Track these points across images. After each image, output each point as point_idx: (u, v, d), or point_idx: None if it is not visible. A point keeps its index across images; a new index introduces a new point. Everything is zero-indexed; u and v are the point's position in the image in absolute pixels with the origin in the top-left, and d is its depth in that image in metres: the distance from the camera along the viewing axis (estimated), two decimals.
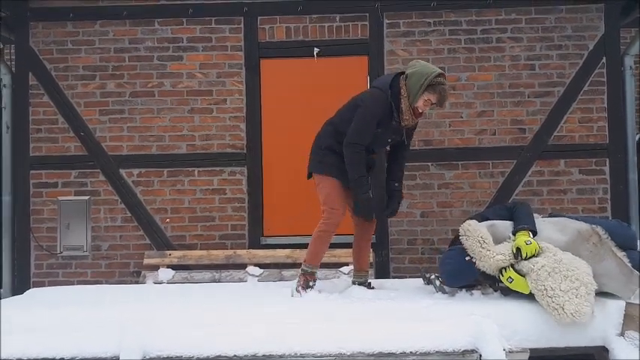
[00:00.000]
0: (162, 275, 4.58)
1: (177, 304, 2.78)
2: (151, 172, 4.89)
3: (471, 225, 2.93)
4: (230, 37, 4.91)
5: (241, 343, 2.05)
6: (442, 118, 4.83)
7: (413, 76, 3.15)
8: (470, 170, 4.81)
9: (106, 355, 2.08)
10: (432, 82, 3.12)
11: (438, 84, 3.14)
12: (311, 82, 4.90)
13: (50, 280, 4.83)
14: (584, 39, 4.81)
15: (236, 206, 4.87)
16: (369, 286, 3.40)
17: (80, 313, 2.51)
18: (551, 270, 2.67)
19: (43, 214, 4.90)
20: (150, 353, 2.01)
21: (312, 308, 2.65)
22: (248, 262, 4.66)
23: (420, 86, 3.10)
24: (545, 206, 4.73)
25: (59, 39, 4.93)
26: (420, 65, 3.24)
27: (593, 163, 4.78)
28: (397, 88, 3.15)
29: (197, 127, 4.90)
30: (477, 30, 4.84)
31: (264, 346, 2.05)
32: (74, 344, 2.12)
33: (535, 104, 4.82)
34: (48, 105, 4.91)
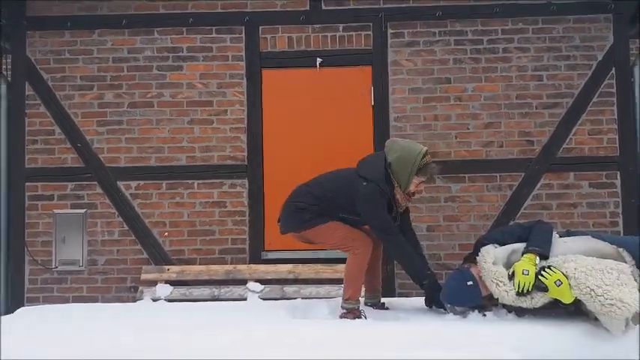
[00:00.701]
0: (159, 291, 4.44)
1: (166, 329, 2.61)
2: (149, 184, 4.77)
3: (486, 262, 2.77)
4: (231, 47, 4.81)
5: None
6: (448, 130, 4.72)
7: (398, 164, 3.00)
8: (477, 183, 4.69)
9: None
10: (420, 166, 3.00)
11: (426, 165, 3.02)
12: (313, 92, 4.79)
13: (45, 295, 4.70)
14: (593, 49, 4.71)
15: (236, 220, 4.74)
16: (383, 307, 3.26)
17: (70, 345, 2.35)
18: (585, 269, 2.53)
19: (39, 227, 4.77)
20: None
21: None
22: (249, 278, 4.52)
23: (409, 173, 2.98)
24: (554, 220, 4.60)
25: (56, 48, 4.84)
26: (400, 149, 3.05)
27: (604, 176, 4.66)
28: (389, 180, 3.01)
29: (197, 139, 4.78)
30: (483, 40, 4.74)
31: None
32: None
33: (543, 115, 4.70)
34: (44, 115, 4.81)
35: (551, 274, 2.57)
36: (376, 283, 3.32)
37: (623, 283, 2.47)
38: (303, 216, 3.10)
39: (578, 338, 2.46)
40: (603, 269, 2.52)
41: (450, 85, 4.74)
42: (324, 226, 3.07)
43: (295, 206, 3.16)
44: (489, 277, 2.72)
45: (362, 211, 3.01)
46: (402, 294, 4.47)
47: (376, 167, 3.03)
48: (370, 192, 2.97)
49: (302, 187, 3.25)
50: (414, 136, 4.69)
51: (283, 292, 4.38)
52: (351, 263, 3.08)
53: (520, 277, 2.62)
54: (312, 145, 4.74)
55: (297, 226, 3.16)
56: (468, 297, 2.83)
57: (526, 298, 2.64)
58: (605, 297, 2.42)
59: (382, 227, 3.01)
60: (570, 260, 2.60)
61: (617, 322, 2.41)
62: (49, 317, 3.00)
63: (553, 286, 2.56)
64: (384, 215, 3.00)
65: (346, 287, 3.07)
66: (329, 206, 3.08)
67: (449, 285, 2.90)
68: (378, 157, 3.13)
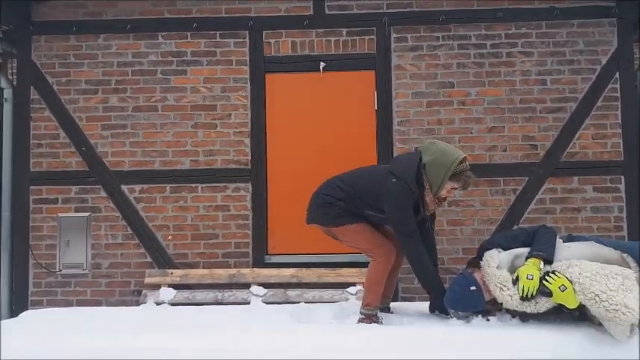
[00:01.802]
0: (163, 295, 4.44)
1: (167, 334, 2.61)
2: (153, 188, 4.78)
3: (490, 267, 2.77)
4: (235, 52, 4.83)
5: None
6: (451, 134, 4.72)
7: (433, 166, 2.94)
8: (481, 187, 4.68)
9: None
10: (455, 172, 2.94)
11: (462, 172, 2.96)
12: (317, 97, 4.80)
13: (49, 299, 4.71)
14: (597, 54, 4.71)
15: (240, 223, 4.75)
16: (388, 311, 3.25)
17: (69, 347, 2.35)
18: (590, 274, 2.52)
19: (43, 230, 4.79)
20: None
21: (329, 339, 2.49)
22: (252, 282, 4.52)
23: (443, 177, 2.92)
24: (558, 225, 4.58)
25: (62, 53, 4.87)
26: (439, 151, 2.98)
27: (608, 180, 4.64)
28: (421, 181, 2.96)
29: (201, 143, 4.80)
30: (487, 44, 4.74)
31: None
32: None
33: (547, 120, 4.70)
34: (49, 119, 4.83)
35: (555, 279, 2.56)
36: (388, 291, 3.30)
37: (627, 288, 2.46)
38: (331, 211, 3.09)
39: (582, 343, 2.44)
40: (608, 274, 2.51)
41: (454, 89, 4.74)
42: (352, 227, 3.06)
43: (323, 199, 3.14)
44: (493, 282, 2.71)
45: (386, 208, 2.97)
46: (405, 298, 4.46)
47: (409, 166, 2.98)
48: (398, 189, 2.92)
49: (332, 181, 3.23)
50: (417, 140, 4.69)
51: (286, 295, 4.38)
52: (372, 270, 3.06)
53: (524, 282, 2.61)
54: (316, 149, 4.74)
55: (326, 220, 3.14)
56: (471, 302, 2.82)
57: (530, 303, 2.63)
58: (609, 302, 2.41)
59: (403, 228, 2.96)
60: (575, 265, 2.59)
61: (621, 327, 2.40)
62: (52, 320, 3.00)
63: (557, 291, 2.55)
64: (408, 216, 2.94)
65: (366, 293, 3.06)
66: (356, 202, 3.05)
67: (452, 290, 2.89)
68: (412, 156, 3.09)
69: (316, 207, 3.20)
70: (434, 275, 3.07)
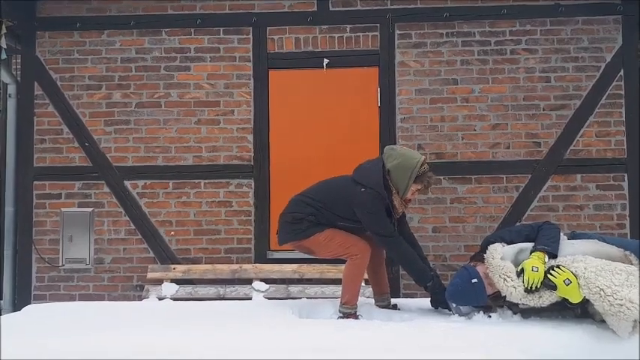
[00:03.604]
0: (165, 290, 4.46)
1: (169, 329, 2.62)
2: (156, 183, 4.80)
3: (494, 259, 2.76)
4: (238, 48, 4.83)
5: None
6: (455, 131, 4.71)
7: (398, 170, 3.01)
8: (483, 184, 4.67)
9: None
10: (418, 173, 3.01)
11: (424, 173, 3.04)
12: (320, 93, 4.80)
13: (52, 293, 4.73)
14: (601, 51, 4.69)
15: (242, 219, 4.75)
16: (395, 308, 3.25)
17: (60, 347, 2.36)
18: (595, 269, 2.52)
19: (46, 225, 4.81)
20: None
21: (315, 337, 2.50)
22: (254, 277, 4.54)
23: (407, 181, 3.00)
24: (561, 222, 4.56)
25: (65, 49, 4.88)
26: (399, 155, 3.06)
27: (611, 178, 4.63)
28: (388, 186, 3.02)
29: (204, 139, 4.80)
30: (491, 41, 4.73)
31: None
32: None
33: (550, 117, 4.68)
34: (53, 115, 4.85)
35: (560, 273, 2.56)
36: (383, 287, 3.31)
37: (632, 284, 2.46)
38: (300, 226, 3.11)
39: (585, 341, 2.43)
40: (613, 270, 2.51)
41: (457, 86, 4.73)
42: (321, 235, 3.07)
43: (292, 217, 3.15)
44: (497, 273, 2.69)
45: (361, 217, 3.01)
46: (407, 295, 4.45)
47: (374, 173, 3.04)
48: (369, 198, 2.97)
49: (297, 197, 3.24)
50: (420, 136, 4.70)
51: (288, 291, 4.39)
52: (348, 268, 3.08)
53: (529, 274, 2.60)
54: (319, 145, 4.74)
55: (295, 235, 3.15)
56: (473, 295, 2.81)
57: (534, 296, 2.62)
58: (614, 297, 2.40)
59: (383, 232, 3.01)
60: (580, 260, 2.58)
61: (625, 323, 2.39)
62: (55, 315, 3.01)
63: (562, 284, 2.54)
64: (384, 220, 3.00)
65: (344, 292, 3.07)
66: (326, 214, 3.08)
67: (454, 283, 2.89)
68: (374, 164, 3.13)
69: (285, 225, 3.20)
70: (425, 269, 3.08)
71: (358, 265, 3.03)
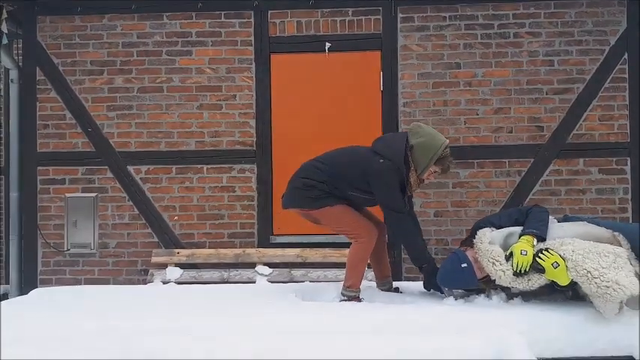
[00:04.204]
0: (169, 274, 4.51)
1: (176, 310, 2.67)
2: (159, 169, 4.82)
3: (482, 243, 2.79)
4: (240, 32, 4.81)
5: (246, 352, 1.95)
6: (457, 115, 4.70)
7: (419, 149, 2.98)
8: (485, 169, 4.68)
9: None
10: (441, 156, 3.00)
11: (446, 156, 3.03)
12: (322, 77, 4.79)
13: (57, 277, 4.79)
14: (606, 34, 4.65)
15: (245, 204, 4.78)
16: (397, 291, 3.28)
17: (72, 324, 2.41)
18: (583, 252, 2.54)
19: (51, 210, 4.85)
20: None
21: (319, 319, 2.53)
22: (257, 261, 4.58)
23: (428, 160, 2.98)
24: (563, 206, 4.60)
25: (67, 33, 4.86)
26: (426, 134, 3.03)
27: (614, 162, 4.63)
28: (408, 162, 3.00)
29: (206, 124, 4.81)
30: (494, 24, 4.70)
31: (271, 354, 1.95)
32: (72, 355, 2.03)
33: (554, 101, 4.67)
34: (55, 100, 4.85)
35: (548, 256, 2.58)
36: (385, 270, 3.33)
37: (619, 266, 2.48)
38: (311, 193, 3.06)
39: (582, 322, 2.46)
40: (600, 252, 2.53)
41: (460, 70, 4.71)
42: (333, 209, 3.04)
43: (303, 183, 3.11)
44: (486, 257, 2.72)
45: (375, 188, 2.98)
46: (408, 278, 4.49)
47: (396, 147, 3.00)
48: (387, 169, 2.95)
49: (309, 162, 3.20)
50: (423, 121, 4.63)
51: (291, 275, 4.43)
52: (354, 251, 3.08)
53: (518, 257, 2.63)
54: (321, 130, 4.74)
55: (305, 203, 3.11)
56: (462, 279, 2.85)
57: (523, 279, 2.65)
58: (601, 279, 2.43)
59: (394, 206, 2.98)
60: (568, 243, 2.61)
61: (611, 304, 2.42)
62: (61, 297, 3.06)
63: (550, 268, 2.57)
64: (397, 194, 2.98)
65: (348, 275, 3.08)
66: (339, 183, 3.04)
67: (443, 267, 2.93)
68: (398, 138, 3.10)
69: (294, 190, 3.15)
70: (424, 250, 3.10)
71: (364, 249, 3.04)
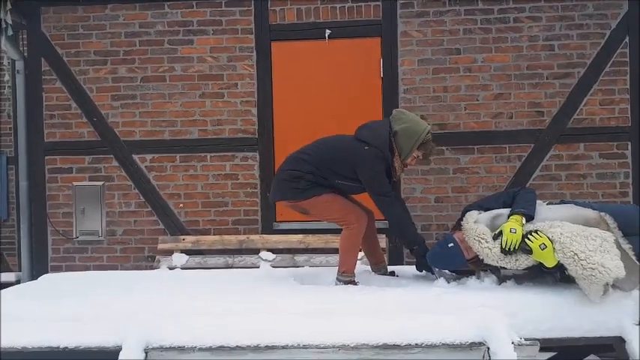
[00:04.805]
0: (176, 260, 4.62)
1: (186, 292, 2.78)
2: (163, 157, 4.90)
3: (468, 223, 2.86)
4: (240, 20, 4.84)
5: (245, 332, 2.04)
6: (458, 102, 4.72)
7: (403, 135, 3.04)
8: (486, 154, 4.71)
9: (109, 344, 2.09)
10: (423, 141, 3.06)
11: (428, 141, 3.09)
12: (323, 64, 4.82)
13: (67, 264, 4.92)
14: (606, 17, 4.63)
15: (248, 192, 4.86)
16: (393, 274, 3.34)
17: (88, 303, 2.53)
18: (571, 234, 2.59)
19: (59, 199, 4.96)
20: (153, 343, 2.01)
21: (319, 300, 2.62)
22: (261, 247, 4.67)
23: (411, 146, 3.04)
24: (563, 191, 4.63)
25: (70, 24, 4.93)
26: (409, 120, 3.09)
27: (615, 146, 4.63)
28: (392, 148, 3.06)
29: (208, 112, 4.87)
30: (494, 9, 4.69)
31: (269, 335, 2.04)
32: (79, 334, 2.14)
33: (554, 86, 4.67)
34: (61, 91, 4.94)
35: (537, 237, 2.63)
36: (378, 256, 3.40)
37: (605, 250, 2.52)
38: (298, 184, 3.10)
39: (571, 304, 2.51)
40: (588, 236, 2.57)
41: (460, 56, 4.72)
42: (320, 198, 3.09)
43: (289, 174, 3.14)
44: (472, 236, 2.78)
45: (362, 174, 3.04)
46: (409, 262, 4.54)
47: (380, 133, 3.07)
48: (373, 156, 3.01)
49: (295, 155, 3.24)
50: (423, 107, 4.71)
51: (294, 260, 4.52)
52: (345, 238, 3.13)
53: (508, 235, 2.68)
54: (322, 117, 4.78)
55: (292, 195, 3.14)
56: (450, 259, 2.91)
57: (511, 259, 2.70)
58: (587, 261, 2.47)
59: (381, 190, 3.05)
60: (557, 226, 2.65)
61: (596, 286, 2.47)
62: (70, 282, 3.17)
63: (537, 249, 2.61)
64: (384, 179, 3.05)
65: (342, 262, 3.14)
66: (325, 173, 3.09)
67: (433, 249, 3.00)
68: (382, 124, 3.16)
69: (281, 182, 3.18)
70: (415, 232, 3.16)
71: (355, 235, 3.11)
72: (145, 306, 2.39)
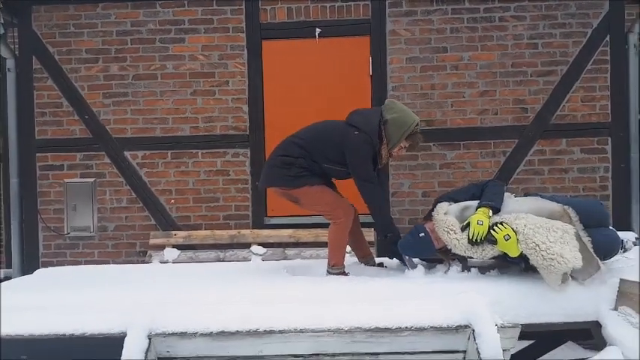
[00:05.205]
0: (167, 255, 4.68)
1: (182, 284, 2.86)
2: (155, 154, 4.95)
3: (438, 214, 2.98)
4: (231, 19, 4.91)
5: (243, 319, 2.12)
6: (444, 99, 4.84)
7: (393, 124, 3.14)
8: (472, 150, 4.83)
9: (114, 331, 2.16)
10: (411, 132, 3.16)
11: (416, 133, 3.19)
12: (313, 62, 4.90)
13: (58, 260, 4.94)
14: (588, 17, 4.77)
15: (239, 187, 4.93)
16: (381, 266, 3.42)
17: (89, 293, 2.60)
18: (534, 226, 2.72)
19: (50, 195, 4.99)
20: (156, 330, 2.08)
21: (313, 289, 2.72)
22: (252, 242, 4.74)
23: (400, 136, 3.14)
24: (546, 185, 4.77)
25: (61, 22, 4.95)
26: (400, 111, 3.19)
27: (595, 142, 4.78)
28: (380, 136, 3.15)
29: (200, 110, 4.93)
30: (480, 9, 4.81)
31: (266, 321, 2.13)
32: (83, 322, 2.20)
33: (538, 83, 4.80)
34: (52, 88, 4.96)
35: (502, 229, 2.77)
36: (365, 249, 3.48)
37: (565, 241, 2.66)
38: (290, 172, 3.17)
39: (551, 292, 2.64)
40: (550, 228, 2.71)
41: (447, 54, 4.83)
42: (312, 189, 3.17)
43: (282, 161, 3.21)
44: (441, 227, 2.92)
45: (349, 158, 3.12)
46: None
47: (371, 120, 3.16)
48: (362, 141, 3.10)
49: (288, 139, 3.31)
50: (411, 104, 4.78)
51: (285, 254, 4.59)
52: (333, 232, 3.22)
53: (475, 227, 2.81)
54: (312, 114, 4.76)
55: (283, 182, 3.21)
56: (421, 248, 3.05)
57: (477, 249, 2.84)
58: (547, 252, 2.61)
59: (365, 176, 3.13)
60: (522, 218, 2.79)
61: (554, 275, 2.61)
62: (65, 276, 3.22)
63: (502, 240, 2.75)
64: (369, 165, 3.14)
65: (331, 255, 3.22)
66: (315, 156, 3.16)
67: (405, 238, 3.14)
68: (373, 112, 3.25)
69: (272, 168, 3.25)
70: (391, 220, 3.26)
71: (342, 229, 3.19)
72: (145, 295, 2.46)
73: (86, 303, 2.44)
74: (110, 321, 2.17)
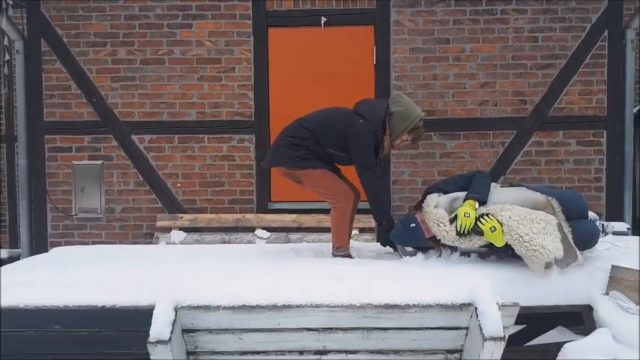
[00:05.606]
0: (174, 237, 4.80)
1: (197, 262, 2.99)
2: (162, 138, 5.04)
3: (429, 207, 3.12)
4: (238, 6, 4.98)
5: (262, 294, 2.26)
6: (446, 89, 4.96)
7: (398, 117, 3.24)
8: (471, 140, 4.97)
9: (142, 304, 2.30)
10: (414, 126, 3.27)
11: (418, 127, 3.30)
12: (318, 51, 5.00)
13: (66, 240, 5.04)
14: (588, 12, 4.89)
15: (244, 172, 5.04)
16: None
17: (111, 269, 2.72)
18: (518, 218, 2.87)
19: (59, 177, 5.08)
20: (182, 303, 2.22)
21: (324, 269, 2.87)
22: (256, 226, 4.87)
23: (404, 128, 3.25)
24: (542, 176, 4.92)
25: (70, 5, 5.00)
26: (405, 104, 3.29)
27: (591, 134, 4.93)
28: (384, 127, 3.26)
29: (206, 95, 5.02)
30: (482, 2, 4.91)
31: (283, 296, 2.27)
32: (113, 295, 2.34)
33: (537, 76, 4.93)
34: (60, 71, 5.02)
35: (488, 221, 2.93)
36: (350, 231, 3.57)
37: (548, 232, 2.82)
38: (297, 153, 3.29)
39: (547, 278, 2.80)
40: (533, 219, 2.87)
41: (449, 45, 4.94)
42: (316, 171, 3.30)
43: (289, 141, 3.33)
44: (432, 219, 3.08)
45: (352, 145, 3.24)
46: None
47: (377, 111, 3.28)
48: (366, 130, 3.21)
49: (296, 121, 3.43)
50: (413, 94, 4.93)
51: (288, 238, 4.73)
52: (335, 216, 3.36)
53: (462, 219, 2.97)
54: (316, 101, 4.89)
55: (291, 162, 3.33)
56: (412, 237, 3.22)
57: (465, 239, 3.01)
58: (530, 243, 2.77)
59: (366, 163, 3.25)
60: (507, 209, 2.95)
61: (537, 265, 2.78)
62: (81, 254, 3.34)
63: (488, 231, 2.92)
64: (371, 153, 3.26)
65: (335, 238, 3.37)
66: (321, 139, 3.28)
67: (396, 227, 3.30)
68: (380, 103, 3.37)
69: (280, 148, 3.37)
70: (387, 208, 3.40)
71: (343, 213, 3.34)
72: (166, 272, 2.59)
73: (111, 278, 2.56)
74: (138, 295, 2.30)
